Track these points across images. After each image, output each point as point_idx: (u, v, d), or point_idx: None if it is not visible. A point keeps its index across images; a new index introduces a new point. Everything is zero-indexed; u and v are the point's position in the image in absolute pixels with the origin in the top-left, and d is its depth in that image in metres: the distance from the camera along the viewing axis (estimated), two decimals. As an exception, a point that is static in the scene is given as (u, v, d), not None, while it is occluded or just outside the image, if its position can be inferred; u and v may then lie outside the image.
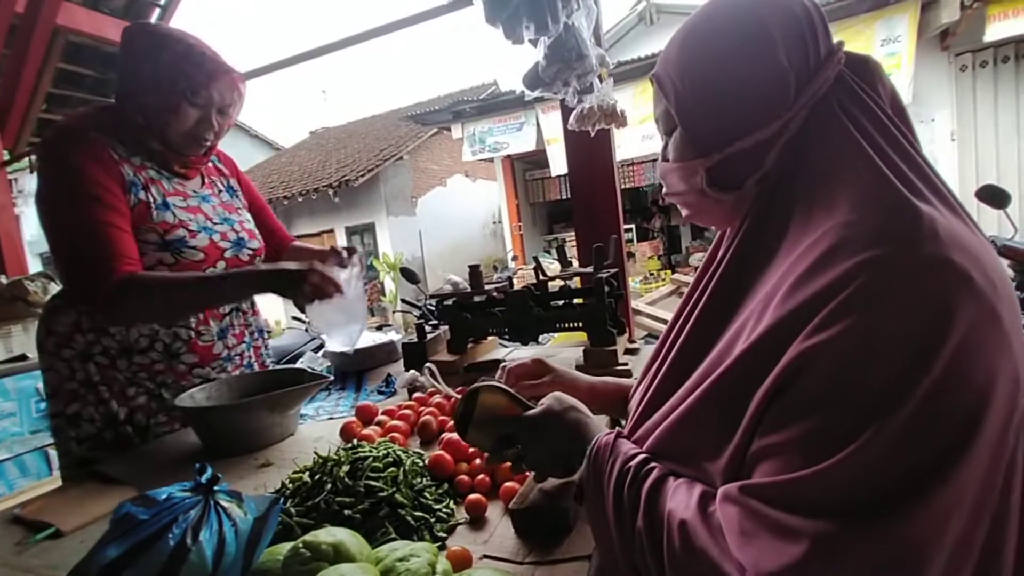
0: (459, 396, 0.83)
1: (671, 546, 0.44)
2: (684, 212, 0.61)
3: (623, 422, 0.76)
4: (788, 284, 0.43)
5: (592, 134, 1.33)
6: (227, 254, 1.17)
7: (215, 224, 1.17)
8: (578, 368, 1.23)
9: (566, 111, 1.39)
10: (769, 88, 0.49)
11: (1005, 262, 2.45)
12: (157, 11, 3.56)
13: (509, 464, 0.69)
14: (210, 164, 1.27)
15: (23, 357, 2.81)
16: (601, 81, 1.24)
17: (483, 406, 0.66)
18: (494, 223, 11.16)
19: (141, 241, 1.04)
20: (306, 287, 1.01)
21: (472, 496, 0.75)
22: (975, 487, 0.37)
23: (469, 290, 1.41)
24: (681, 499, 0.45)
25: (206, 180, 1.23)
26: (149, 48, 1.03)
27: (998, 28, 4.70)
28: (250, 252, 1.24)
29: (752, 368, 0.43)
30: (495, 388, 0.67)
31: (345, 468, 0.74)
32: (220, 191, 1.25)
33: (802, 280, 0.42)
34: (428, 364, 1.24)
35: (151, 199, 1.06)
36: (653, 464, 0.50)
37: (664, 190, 0.62)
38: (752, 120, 0.50)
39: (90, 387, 1.10)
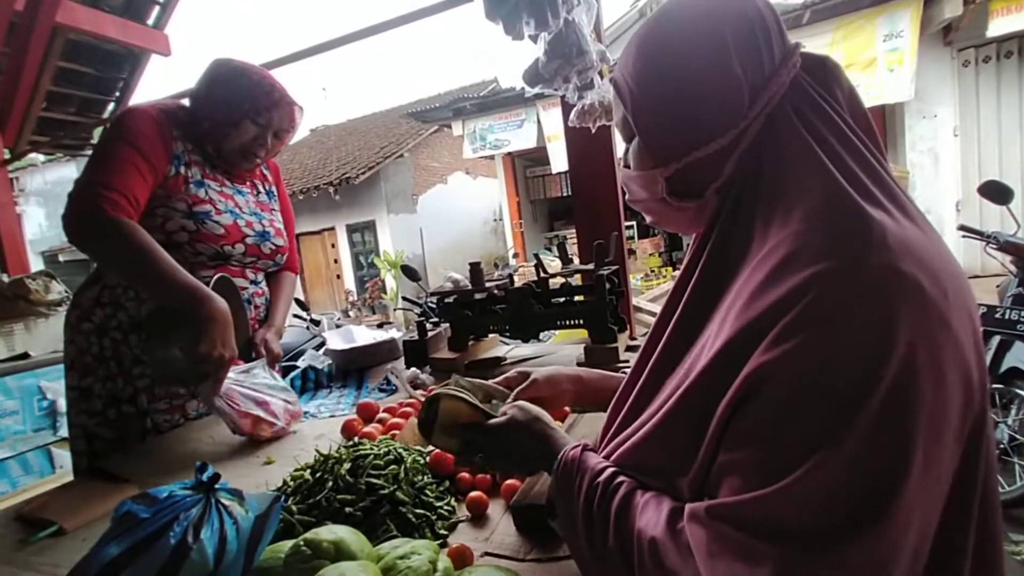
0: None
1: (642, 564, 0.44)
2: (648, 219, 0.62)
3: None
4: (745, 297, 0.44)
5: (593, 131, 1.32)
6: (248, 240, 1.23)
7: (243, 212, 1.25)
8: (579, 365, 1.23)
9: (567, 108, 1.39)
10: (723, 98, 0.49)
11: (1007, 258, 2.43)
12: (157, 9, 3.55)
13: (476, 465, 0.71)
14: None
15: (25, 355, 2.82)
16: (602, 77, 1.24)
17: (446, 412, 0.66)
18: (495, 220, 11.15)
19: (170, 208, 1.13)
20: (206, 341, 0.96)
21: (473, 493, 0.75)
22: (929, 492, 0.38)
23: (470, 287, 1.40)
24: (650, 516, 0.46)
25: (247, 181, 1.32)
26: (228, 75, 1.18)
27: (1001, 23, 4.67)
28: (273, 247, 1.30)
29: (713, 384, 0.43)
30: (455, 397, 0.67)
31: (346, 466, 0.74)
32: (259, 192, 1.34)
33: (757, 293, 0.42)
34: (390, 368, 1.23)
35: (189, 175, 1.17)
36: (621, 479, 0.51)
37: (627, 196, 0.62)
38: (707, 130, 0.50)
39: (102, 361, 1.16)
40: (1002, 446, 2.24)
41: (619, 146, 1.63)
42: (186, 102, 1.23)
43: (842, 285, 0.39)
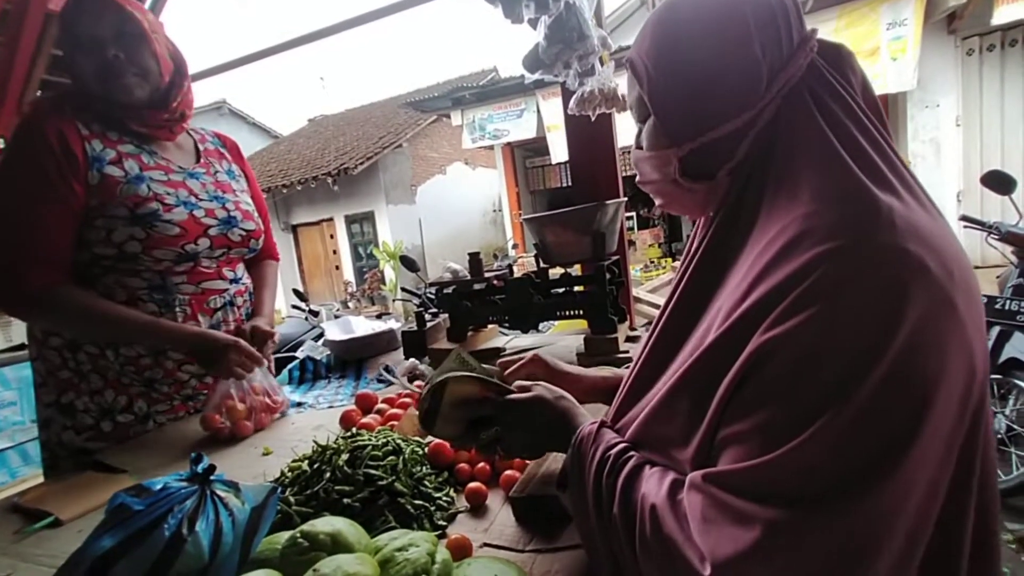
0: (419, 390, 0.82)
1: (642, 530, 0.45)
2: (657, 201, 0.62)
3: None
4: (752, 276, 0.44)
5: (592, 119, 1.31)
6: (212, 231, 1.12)
7: (200, 200, 1.12)
8: (578, 355, 1.22)
9: (567, 96, 1.37)
10: (742, 79, 0.49)
11: (1008, 248, 2.42)
12: (150, -5, 3.49)
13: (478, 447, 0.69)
14: (210, 146, 1.25)
15: (22, 346, 2.81)
16: (602, 64, 1.22)
17: (452, 396, 0.64)
18: (494, 211, 11.11)
19: (109, 216, 1.01)
20: (229, 364, 1.05)
21: (472, 484, 0.74)
22: (928, 472, 0.38)
23: (469, 278, 1.39)
24: (653, 485, 0.47)
25: (201, 159, 1.20)
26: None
27: (1006, 11, 4.61)
28: (243, 232, 1.19)
29: (719, 359, 0.44)
30: (463, 378, 0.65)
31: (344, 457, 0.73)
32: (216, 171, 1.21)
33: (765, 272, 0.43)
34: (387, 365, 1.27)
35: (121, 172, 1.03)
36: (632, 453, 0.51)
37: (637, 178, 0.62)
38: (724, 110, 0.50)
39: (83, 376, 1.09)
40: (999, 436, 2.24)
41: (620, 135, 1.61)
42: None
43: (849, 263, 0.39)
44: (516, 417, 0.63)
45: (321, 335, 1.72)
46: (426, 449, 0.82)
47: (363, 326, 1.72)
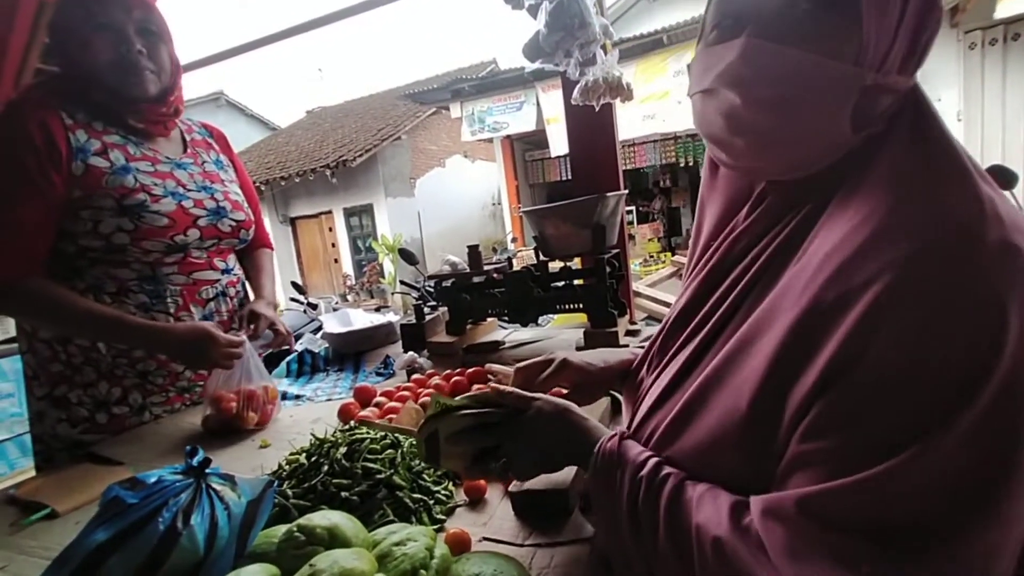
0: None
1: (703, 562, 0.40)
2: (746, 138, 0.45)
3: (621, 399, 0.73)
4: (834, 264, 0.38)
5: (596, 108, 1.29)
6: (201, 222, 1.11)
7: (188, 191, 1.11)
8: (578, 349, 1.22)
9: (567, 87, 1.35)
10: (934, 29, 0.41)
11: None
12: (146, -16, 3.45)
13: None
14: (197, 136, 1.24)
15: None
16: (605, 52, 1.20)
17: (448, 435, 0.60)
18: (493, 205, 11.08)
19: (96, 208, 1.00)
20: (215, 358, 1.03)
21: (471, 478, 0.74)
22: None
23: (468, 271, 1.38)
24: (709, 512, 0.41)
25: (188, 149, 1.19)
26: (55, 6, 1.03)
27: (1010, 4, 4.59)
28: (233, 223, 1.18)
29: (785, 358, 0.39)
30: (452, 417, 0.60)
31: (342, 450, 0.73)
32: (204, 161, 1.20)
33: (852, 260, 0.37)
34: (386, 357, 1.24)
35: (107, 163, 1.02)
36: (667, 471, 0.46)
37: (719, 79, 0.44)
38: (924, 48, 0.41)
39: (75, 369, 1.08)
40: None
41: (620, 127, 1.59)
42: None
43: (953, 260, 0.34)
44: (520, 437, 0.57)
45: (319, 328, 1.71)
46: (425, 442, 0.81)
47: (361, 319, 1.72)
